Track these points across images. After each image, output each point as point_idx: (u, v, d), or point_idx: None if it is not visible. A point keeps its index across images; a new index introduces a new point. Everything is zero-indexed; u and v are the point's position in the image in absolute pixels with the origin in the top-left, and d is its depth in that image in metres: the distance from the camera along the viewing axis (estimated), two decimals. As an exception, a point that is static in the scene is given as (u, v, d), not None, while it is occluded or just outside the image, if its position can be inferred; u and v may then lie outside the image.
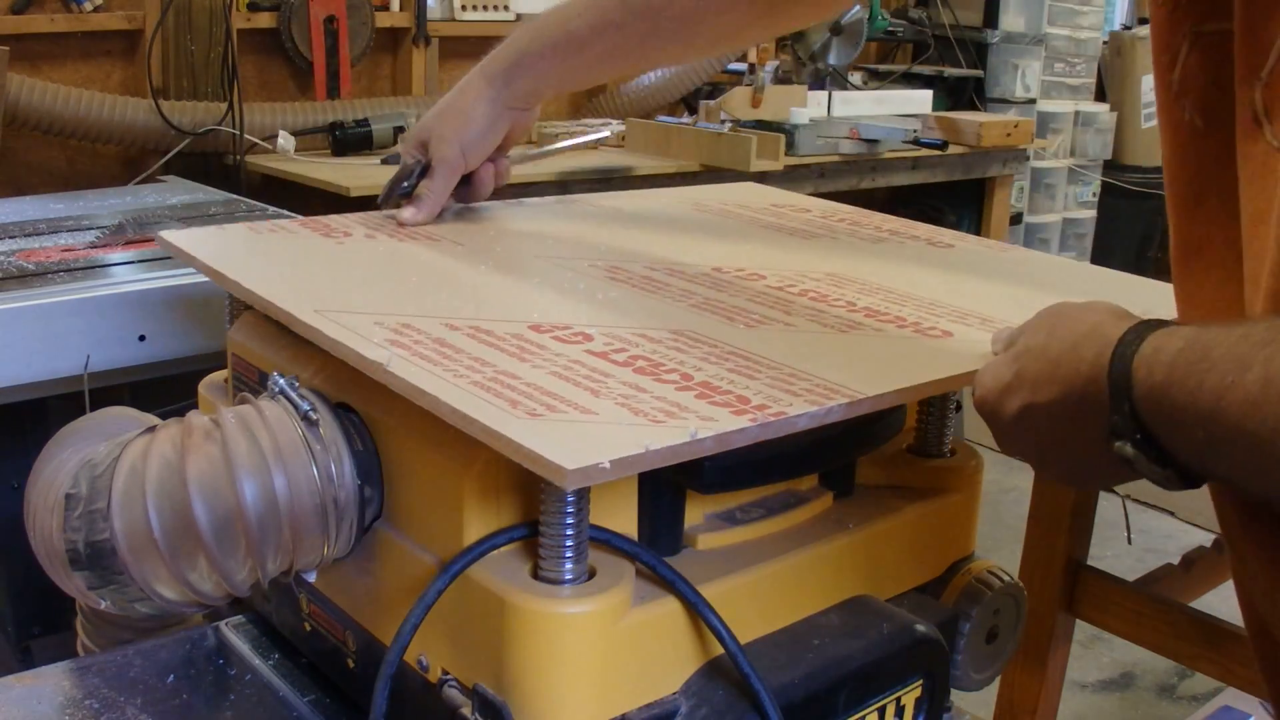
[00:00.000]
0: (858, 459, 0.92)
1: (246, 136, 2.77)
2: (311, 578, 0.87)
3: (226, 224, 1.81)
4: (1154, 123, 5.01)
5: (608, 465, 0.61)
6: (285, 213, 1.96)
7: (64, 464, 0.81)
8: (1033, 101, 4.46)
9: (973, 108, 4.26)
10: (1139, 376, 0.60)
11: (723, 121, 3.11)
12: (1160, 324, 0.63)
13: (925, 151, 3.44)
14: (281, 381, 0.80)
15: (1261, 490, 0.58)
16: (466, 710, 0.73)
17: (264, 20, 2.98)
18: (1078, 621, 1.77)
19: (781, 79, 3.41)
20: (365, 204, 2.50)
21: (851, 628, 0.83)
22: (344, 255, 1.03)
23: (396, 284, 0.94)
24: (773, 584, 0.81)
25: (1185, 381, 0.57)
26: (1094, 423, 0.63)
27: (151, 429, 0.81)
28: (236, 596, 0.80)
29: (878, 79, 4.27)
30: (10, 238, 1.71)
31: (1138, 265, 4.91)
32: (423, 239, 1.08)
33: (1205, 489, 0.67)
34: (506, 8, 3.42)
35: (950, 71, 4.29)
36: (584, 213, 1.28)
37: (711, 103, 3.21)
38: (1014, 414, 0.70)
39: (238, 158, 2.77)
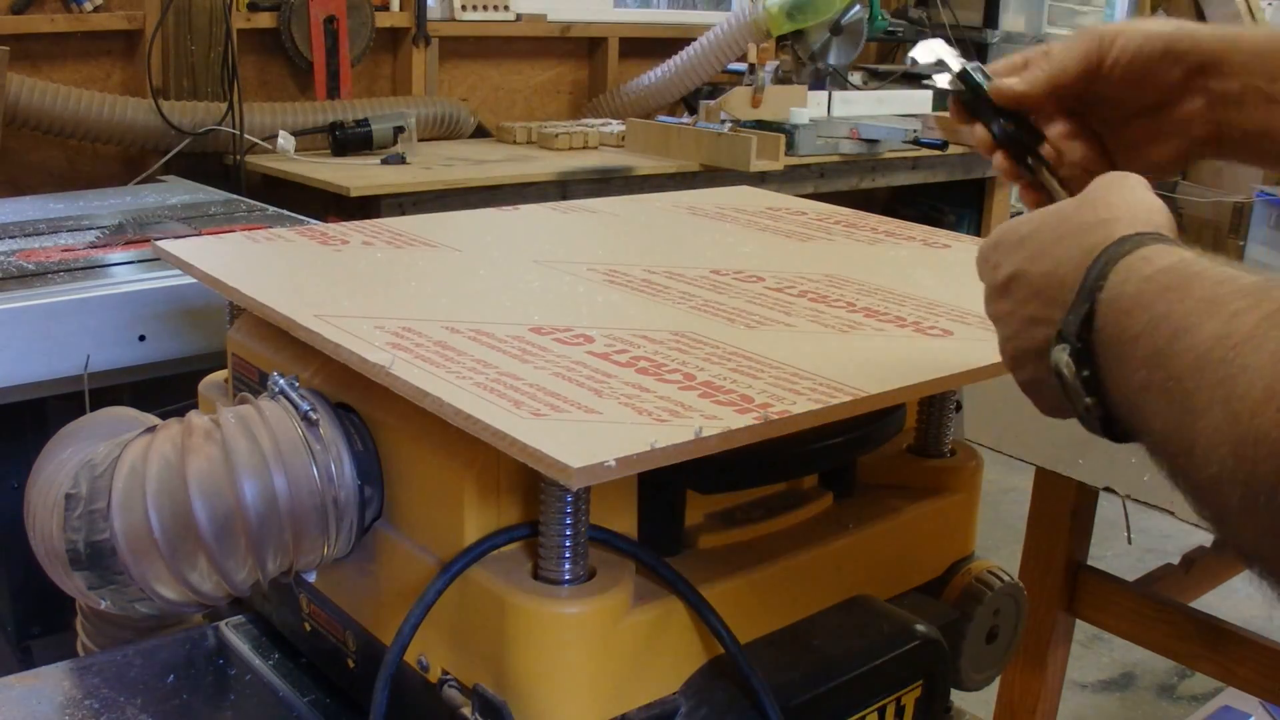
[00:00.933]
0: (858, 459, 0.93)
1: (246, 136, 2.77)
2: (311, 578, 0.87)
3: (224, 227, 1.82)
4: (1154, 123, 5.03)
5: (613, 463, 0.61)
6: (286, 213, 1.96)
7: (64, 464, 0.81)
8: (1033, 101, 4.45)
9: (973, 108, 4.26)
10: (1113, 280, 0.52)
11: (723, 121, 3.11)
12: (1173, 242, 0.54)
13: (925, 151, 3.44)
14: (281, 381, 0.80)
15: (1175, 471, 0.49)
16: (466, 710, 0.73)
17: (264, 20, 2.98)
18: (1078, 621, 1.77)
19: (781, 79, 3.41)
20: (365, 204, 2.51)
21: (851, 628, 0.83)
22: (342, 262, 1.03)
23: (396, 289, 0.94)
24: (773, 584, 0.81)
25: (1153, 304, 0.50)
26: (1054, 316, 0.56)
27: (151, 429, 0.81)
28: (236, 596, 0.80)
29: (878, 79, 4.27)
30: (10, 238, 1.71)
31: (1137, 265, 4.90)
32: (420, 245, 1.08)
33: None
34: (506, 8, 3.42)
35: (950, 71, 4.29)
36: (580, 217, 1.28)
37: (711, 103, 3.21)
38: (1004, 276, 0.61)
39: (238, 158, 2.77)
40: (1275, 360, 0.44)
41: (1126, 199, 0.58)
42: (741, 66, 3.30)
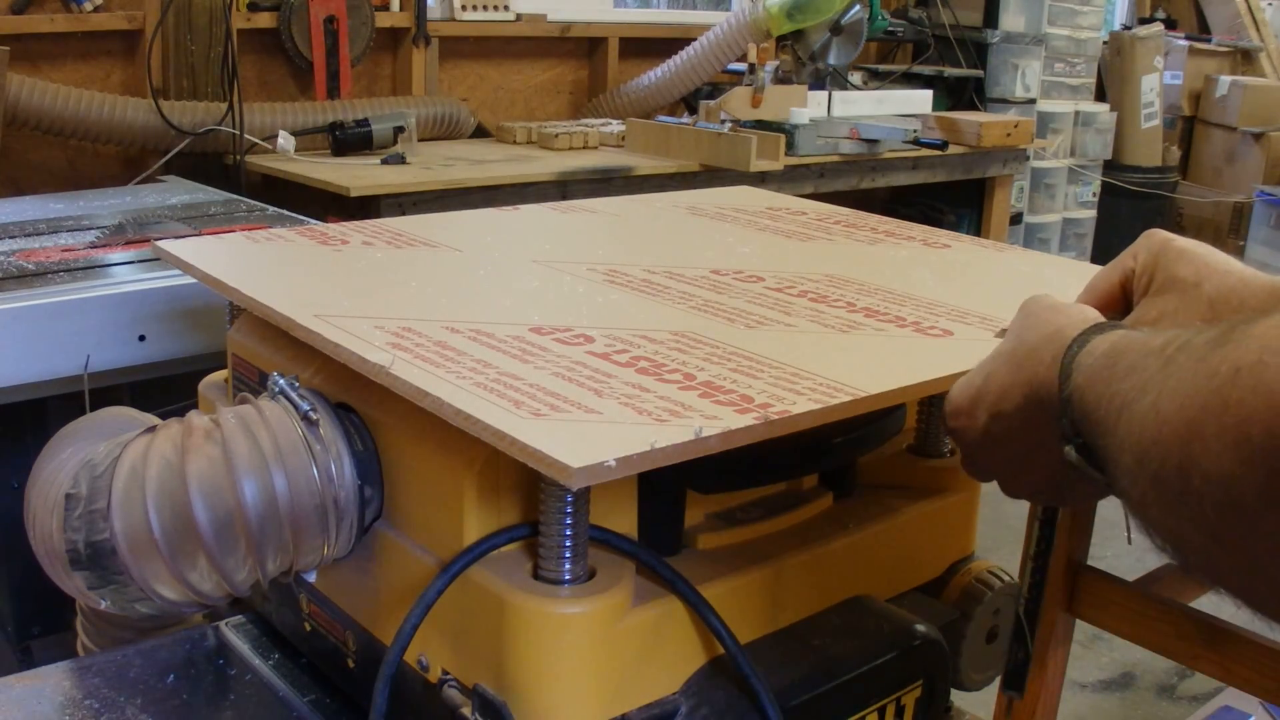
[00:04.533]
0: (858, 459, 0.92)
1: (246, 136, 2.77)
2: (311, 578, 0.87)
3: (224, 227, 1.82)
4: (1154, 123, 5.02)
5: (613, 463, 0.61)
6: (286, 213, 1.96)
7: (64, 464, 0.81)
8: (1033, 101, 4.46)
9: (973, 108, 4.26)
10: (1071, 379, 0.58)
11: (723, 121, 3.11)
12: (1113, 327, 0.59)
13: (925, 151, 3.44)
14: (281, 381, 0.80)
15: (1154, 520, 0.53)
16: (466, 710, 0.73)
17: (264, 20, 2.98)
18: (1078, 621, 1.77)
19: (781, 79, 3.41)
20: (365, 204, 2.51)
21: (851, 628, 0.83)
22: (342, 262, 1.03)
23: (396, 289, 0.94)
24: (773, 584, 0.81)
25: (1094, 385, 0.55)
26: (1051, 428, 0.60)
27: (151, 429, 0.81)
28: (237, 596, 0.80)
29: (878, 79, 4.27)
30: (10, 238, 1.71)
31: (1137, 265, 4.89)
32: (421, 245, 1.09)
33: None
34: (506, 8, 3.42)
35: (950, 71, 4.29)
36: (580, 217, 1.28)
37: (711, 103, 3.21)
38: (982, 425, 0.66)
39: (238, 158, 2.77)
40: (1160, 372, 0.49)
41: (1053, 312, 0.64)
42: (741, 66, 3.30)
